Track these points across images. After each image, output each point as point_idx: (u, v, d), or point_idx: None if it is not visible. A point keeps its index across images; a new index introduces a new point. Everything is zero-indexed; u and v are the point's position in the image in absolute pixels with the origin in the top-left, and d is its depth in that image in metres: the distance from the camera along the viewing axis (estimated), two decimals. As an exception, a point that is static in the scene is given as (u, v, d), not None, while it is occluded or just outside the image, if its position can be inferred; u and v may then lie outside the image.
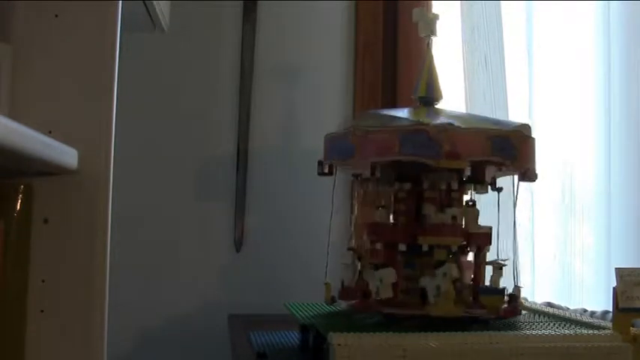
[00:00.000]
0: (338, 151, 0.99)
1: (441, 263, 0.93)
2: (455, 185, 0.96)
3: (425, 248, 0.94)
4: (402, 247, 0.94)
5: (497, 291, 0.94)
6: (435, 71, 1.05)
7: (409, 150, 0.90)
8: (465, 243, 0.96)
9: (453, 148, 0.90)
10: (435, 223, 0.95)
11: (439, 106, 1.05)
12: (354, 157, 0.95)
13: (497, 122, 1.02)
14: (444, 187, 0.96)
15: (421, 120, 0.94)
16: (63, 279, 0.75)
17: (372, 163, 0.94)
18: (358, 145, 0.94)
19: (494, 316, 0.92)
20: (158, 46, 1.47)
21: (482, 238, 0.97)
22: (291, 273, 1.47)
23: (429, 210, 0.96)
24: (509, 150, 0.93)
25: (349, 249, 1.02)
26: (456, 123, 0.93)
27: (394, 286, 0.94)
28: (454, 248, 0.95)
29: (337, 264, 1.03)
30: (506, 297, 0.95)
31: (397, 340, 0.81)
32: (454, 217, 0.94)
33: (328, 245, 1.04)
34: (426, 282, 0.92)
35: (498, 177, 1.02)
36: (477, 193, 1.00)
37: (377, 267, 0.95)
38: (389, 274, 0.93)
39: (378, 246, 0.97)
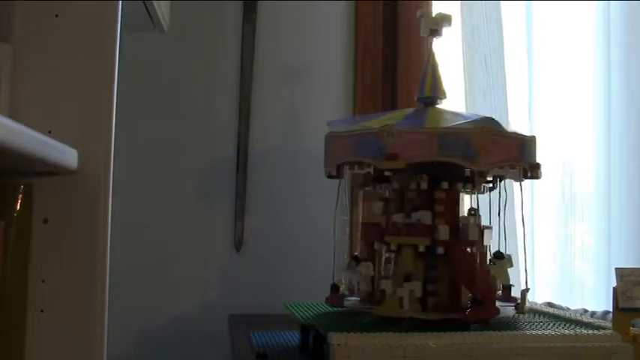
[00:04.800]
0: (365, 151, 0.96)
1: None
2: (469, 187, 0.96)
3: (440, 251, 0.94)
4: (421, 248, 0.94)
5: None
6: (439, 71, 1.04)
7: (448, 152, 0.90)
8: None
9: (488, 152, 0.90)
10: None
11: (441, 106, 1.04)
12: (386, 157, 0.92)
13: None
14: (461, 188, 0.96)
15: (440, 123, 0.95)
16: (63, 279, 0.75)
17: (408, 164, 0.92)
18: (392, 145, 0.92)
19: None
20: (158, 46, 1.47)
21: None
22: (291, 273, 1.47)
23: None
24: (527, 154, 0.95)
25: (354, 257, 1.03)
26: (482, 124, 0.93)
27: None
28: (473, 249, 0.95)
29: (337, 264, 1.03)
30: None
31: (397, 340, 0.81)
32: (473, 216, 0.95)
33: (334, 246, 1.04)
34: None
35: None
36: (470, 193, 1.00)
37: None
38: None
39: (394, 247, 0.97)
